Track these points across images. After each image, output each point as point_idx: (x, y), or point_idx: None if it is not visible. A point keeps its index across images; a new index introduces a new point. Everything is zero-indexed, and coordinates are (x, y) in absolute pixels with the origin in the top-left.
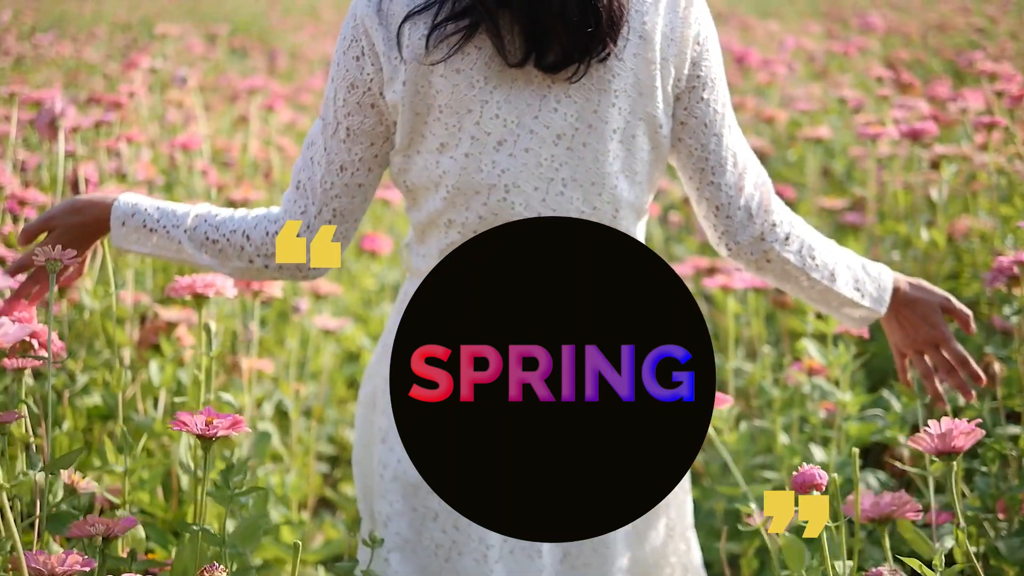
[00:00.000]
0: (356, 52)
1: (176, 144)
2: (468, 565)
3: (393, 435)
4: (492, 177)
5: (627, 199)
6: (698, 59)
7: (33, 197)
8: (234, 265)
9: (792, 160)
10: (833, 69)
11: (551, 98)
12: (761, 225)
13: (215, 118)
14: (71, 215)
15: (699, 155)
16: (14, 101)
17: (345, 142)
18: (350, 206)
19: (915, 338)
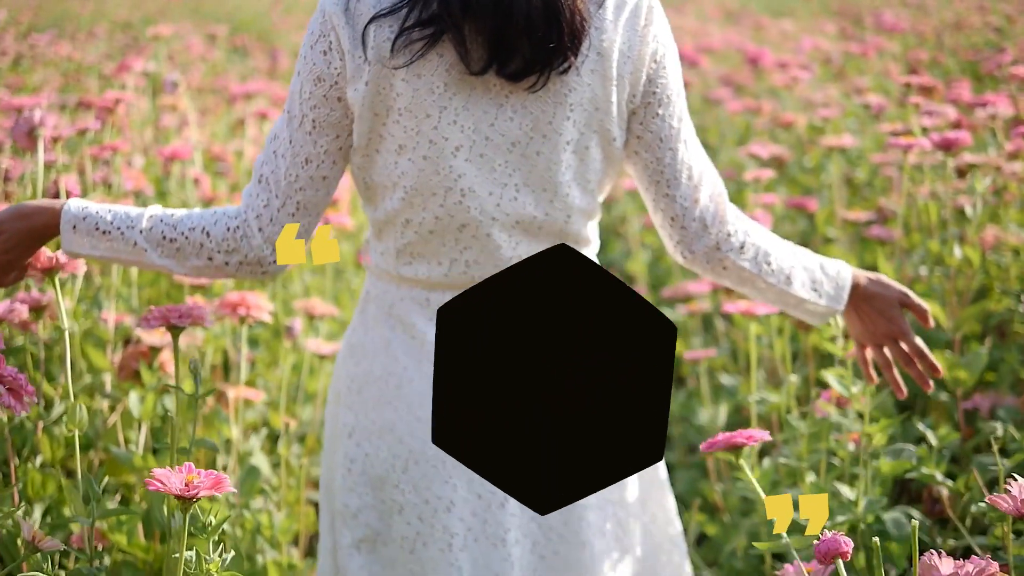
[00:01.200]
0: (324, 47)
1: (165, 154)
2: (434, 555)
3: (360, 431)
4: (449, 181)
5: (579, 205)
6: (654, 76)
7: None
8: (192, 264)
9: (809, 166)
10: (850, 70)
11: (507, 108)
12: (716, 235)
13: (212, 122)
14: (17, 220)
15: (654, 168)
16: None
17: (311, 134)
18: (314, 199)
19: (874, 332)
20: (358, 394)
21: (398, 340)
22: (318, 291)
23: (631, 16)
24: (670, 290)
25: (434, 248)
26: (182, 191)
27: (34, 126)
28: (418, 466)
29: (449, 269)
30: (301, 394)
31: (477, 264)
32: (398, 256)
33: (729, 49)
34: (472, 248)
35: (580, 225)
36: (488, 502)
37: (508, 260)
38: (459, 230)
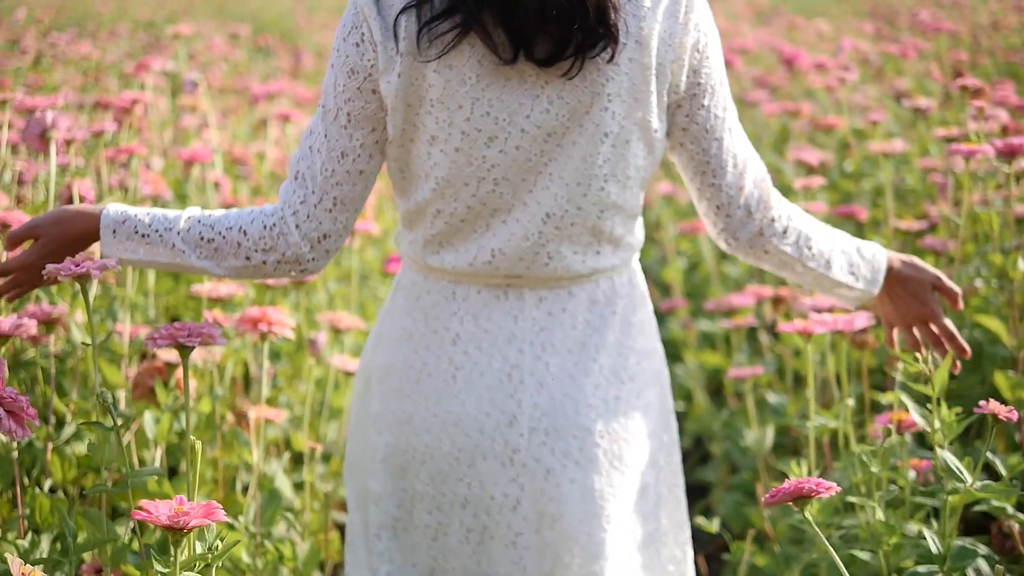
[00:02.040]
0: (356, 39)
1: (184, 157)
2: (454, 545)
3: (382, 420)
4: (481, 171)
5: (614, 201)
6: (698, 66)
7: (18, 219)
8: (230, 264)
9: (849, 171)
10: (889, 71)
11: (543, 98)
12: (760, 221)
13: (234, 123)
14: (56, 226)
15: (700, 159)
16: (6, 108)
17: (346, 128)
18: (351, 194)
19: (906, 314)
20: (381, 383)
21: (420, 333)
22: (342, 299)
23: (671, 4)
24: (712, 303)
25: (463, 236)
26: (202, 195)
27: (46, 128)
28: (434, 460)
29: (475, 258)
30: (325, 411)
31: (503, 255)
32: (426, 246)
33: (762, 50)
34: (500, 236)
35: (614, 223)
36: (501, 504)
37: (535, 254)
38: (491, 215)
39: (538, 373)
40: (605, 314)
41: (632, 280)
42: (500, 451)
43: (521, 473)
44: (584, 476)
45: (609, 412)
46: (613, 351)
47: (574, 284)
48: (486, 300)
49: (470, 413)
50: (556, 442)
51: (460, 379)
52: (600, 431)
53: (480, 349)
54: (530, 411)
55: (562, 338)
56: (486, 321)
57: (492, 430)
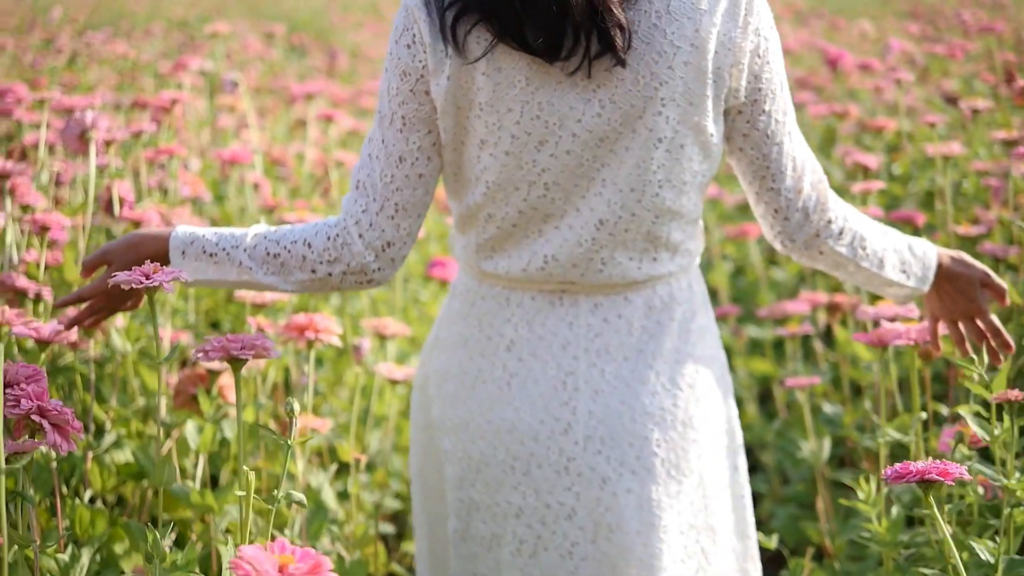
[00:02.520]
0: (407, 40)
1: (225, 158)
2: (506, 558)
3: (439, 426)
4: (532, 175)
5: (669, 207)
6: (759, 71)
7: (57, 221)
8: (297, 278)
9: (897, 173)
10: (935, 71)
11: (595, 103)
12: (817, 224)
13: (270, 123)
14: (128, 250)
15: (760, 164)
16: (44, 107)
17: (402, 131)
18: (412, 199)
19: (952, 309)
20: (438, 388)
21: (475, 338)
22: (385, 303)
23: (730, 6)
24: (766, 309)
25: (515, 241)
26: (240, 196)
27: (86, 128)
28: (489, 468)
29: (528, 264)
30: (369, 419)
31: (556, 261)
32: (479, 250)
33: (804, 50)
34: (552, 242)
35: (670, 228)
36: (556, 512)
37: (588, 260)
38: (543, 220)
39: (593, 380)
40: (662, 320)
41: (692, 286)
42: (555, 459)
43: (576, 482)
44: (641, 486)
45: (667, 420)
46: (671, 358)
47: (630, 290)
48: (540, 306)
49: (524, 421)
50: (612, 451)
51: (514, 386)
52: (657, 439)
53: (534, 356)
54: (585, 419)
55: (618, 344)
56: (540, 327)
57: (547, 438)
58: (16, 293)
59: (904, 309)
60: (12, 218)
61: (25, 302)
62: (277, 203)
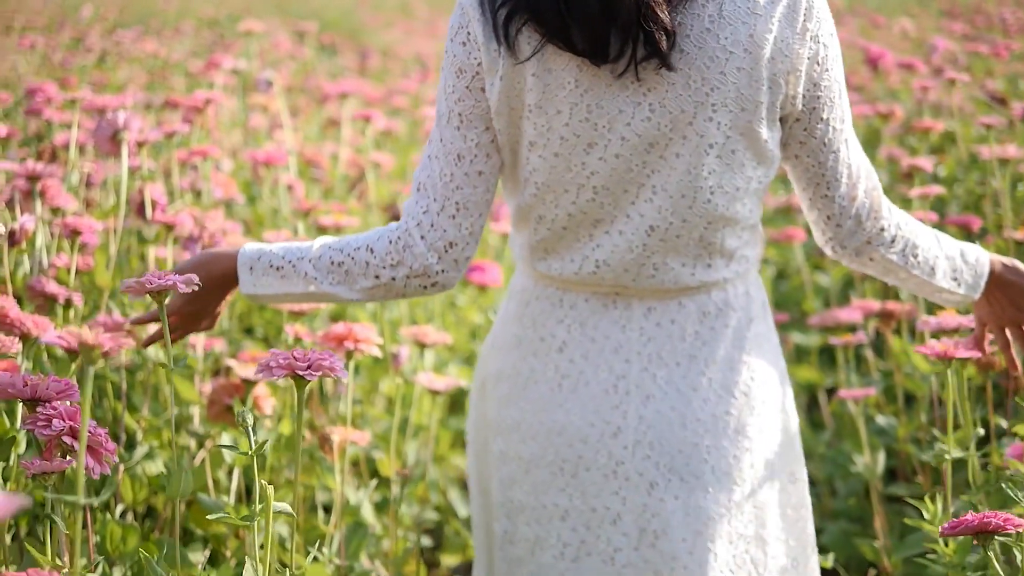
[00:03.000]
0: (462, 38)
1: (259, 159)
2: (549, 562)
3: (494, 426)
4: (581, 178)
5: (722, 214)
6: (818, 79)
7: (88, 225)
8: (361, 286)
9: (942, 175)
10: (977, 71)
11: (645, 106)
12: (869, 231)
13: (302, 123)
14: (199, 269)
15: (815, 171)
16: (75, 107)
17: (460, 129)
18: (472, 197)
19: (1001, 316)
20: (494, 389)
21: (529, 339)
22: (421, 307)
23: (788, 11)
24: (817, 317)
25: (567, 244)
26: (273, 198)
27: (118, 129)
28: (538, 470)
29: (580, 267)
30: (409, 429)
31: (607, 266)
32: (533, 251)
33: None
34: (603, 247)
35: (724, 235)
36: (602, 517)
37: (640, 266)
38: (593, 225)
39: (645, 385)
40: (716, 327)
41: (749, 292)
42: (603, 463)
43: (624, 486)
44: (689, 493)
45: (719, 428)
46: (724, 365)
47: (684, 295)
48: (594, 308)
49: (574, 423)
50: (661, 456)
51: (566, 388)
52: (708, 447)
53: (586, 358)
54: (635, 423)
55: (670, 350)
56: (593, 330)
57: (596, 441)
58: (46, 299)
59: (967, 319)
60: (42, 221)
61: (55, 308)
62: (311, 206)
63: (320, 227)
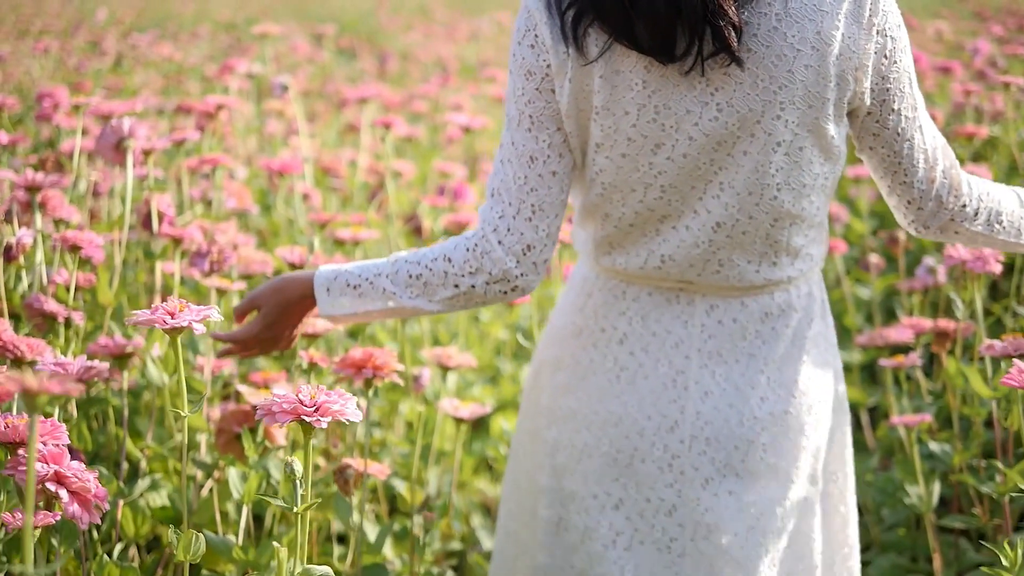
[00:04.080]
0: (530, 41)
1: (274, 168)
2: (599, 551)
3: (548, 414)
4: (648, 177)
5: (788, 211)
6: (886, 72)
7: (89, 239)
8: (441, 296)
9: None
10: (1016, 73)
11: (712, 106)
12: (951, 209)
13: (321, 128)
14: (274, 295)
15: (891, 160)
16: (81, 113)
17: (531, 130)
18: (548, 198)
19: None
20: (551, 377)
21: (589, 329)
22: (443, 322)
23: (854, 6)
24: (866, 336)
25: (633, 240)
26: (288, 208)
27: (123, 137)
28: (591, 459)
29: (645, 262)
30: (431, 454)
31: (673, 260)
32: (597, 247)
33: None
34: (670, 242)
35: (791, 232)
36: (656, 507)
37: (705, 261)
38: (660, 221)
39: (704, 381)
40: (777, 327)
41: (811, 292)
42: (659, 456)
43: (679, 479)
44: (744, 489)
45: (776, 426)
46: (783, 364)
47: (747, 295)
48: (656, 302)
49: (631, 415)
50: (717, 452)
51: (624, 380)
52: (764, 444)
53: (646, 352)
54: (692, 419)
55: (730, 348)
56: (655, 323)
57: (652, 434)
58: (45, 318)
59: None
60: (43, 234)
61: (56, 327)
62: (328, 218)
63: (337, 240)
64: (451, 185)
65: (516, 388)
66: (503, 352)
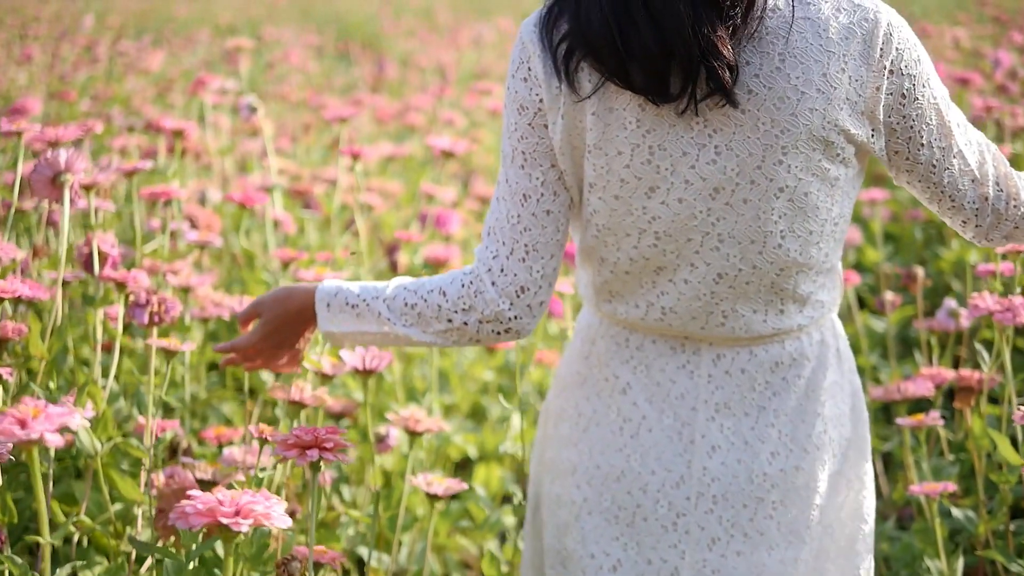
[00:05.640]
0: (523, 74)
1: (235, 200)
2: None
3: (553, 468)
4: (642, 223)
5: (794, 259)
6: (906, 111)
7: (26, 294)
8: (435, 329)
9: None
10: None
11: (710, 149)
12: (1013, 218)
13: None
14: (276, 304)
15: (934, 191)
16: (20, 143)
17: (524, 167)
18: (542, 238)
19: None
20: (555, 428)
21: (593, 380)
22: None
23: (864, 47)
24: (880, 390)
25: (631, 289)
26: (261, 233)
27: (59, 171)
28: (590, 516)
29: (646, 313)
30: (404, 517)
31: (674, 313)
32: (597, 293)
33: None
34: (669, 294)
35: (797, 280)
36: (658, 569)
37: (708, 314)
38: (655, 273)
39: (711, 435)
40: (788, 377)
41: (824, 340)
42: (663, 514)
43: (683, 539)
44: (752, 549)
45: (788, 483)
46: (796, 417)
47: (756, 344)
48: (660, 351)
49: (634, 469)
50: (724, 511)
51: (627, 432)
52: (775, 502)
53: (651, 402)
54: (699, 475)
55: (739, 400)
56: (659, 373)
57: (656, 490)
58: None
59: None
60: None
61: None
62: (293, 256)
63: (298, 280)
64: (433, 213)
65: (501, 436)
66: (489, 392)
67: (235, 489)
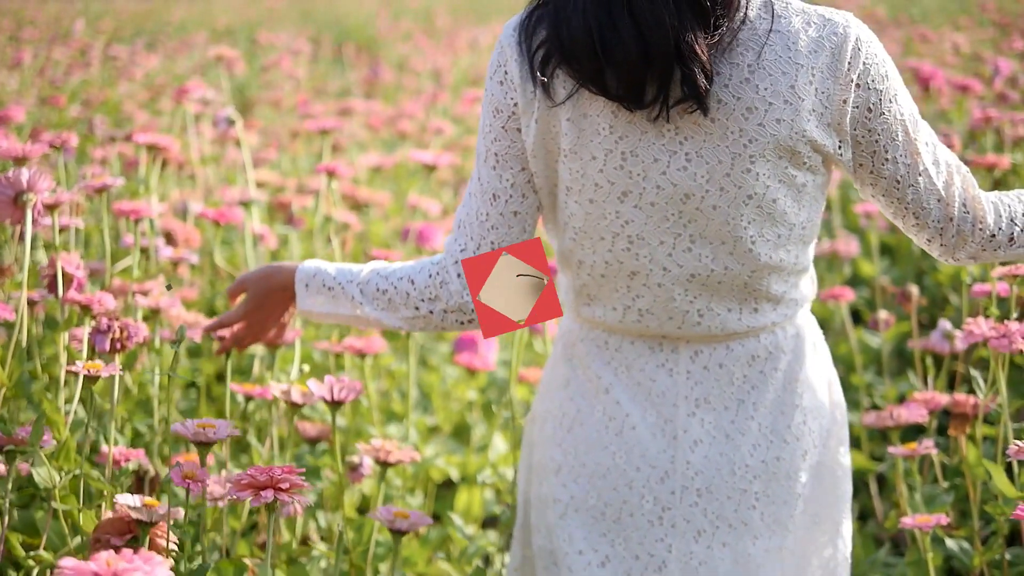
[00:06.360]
0: (500, 77)
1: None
2: None
3: (539, 469)
4: (615, 226)
5: (766, 262)
6: (872, 125)
7: None
8: (402, 315)
9: None
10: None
11: (680, 155)
12: (978, 240)
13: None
14: (261, 279)
15: (897, 206)
16: None
17: (495, 168)
18: (508, 237)
19: None
20: (541, 431)
21: (576, 381)
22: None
23: (832, 60)
24: (872, 416)
25: (607, 292)
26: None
27: (21, 191)
28: (577, 514)
29: (623, 316)
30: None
31: (651, 314)
32: (576, 296)
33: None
34: (644, 297)
35: (769, 281)
36: (645, 564)
37: (684, 313)
38: (630, 277)
39: (693, 430)
40: (766, 371)
41: (800, 333)
42: (649, 509)
43: (670, 533)
44: (737, 540)
45: (769, 474)
46: (774, 409)
47: (732, 340)
48: (640, 351)
49: (619, 466)
50: (709, 503)
51: (611, 430)
52: (758, 493)
53: (633, 401)
54: (683, 469)
55: (718, 394)
56: (639, 373)
57: (641, 486)
58: None
59: None
60: None
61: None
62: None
63: None
64: (416, 227)
65: (484, 460)
66: (474, 409)
67: (124, 548)
